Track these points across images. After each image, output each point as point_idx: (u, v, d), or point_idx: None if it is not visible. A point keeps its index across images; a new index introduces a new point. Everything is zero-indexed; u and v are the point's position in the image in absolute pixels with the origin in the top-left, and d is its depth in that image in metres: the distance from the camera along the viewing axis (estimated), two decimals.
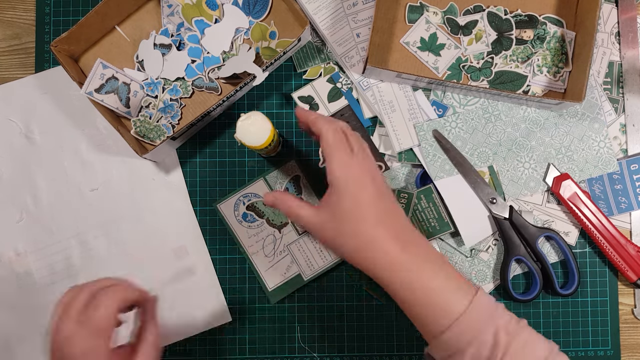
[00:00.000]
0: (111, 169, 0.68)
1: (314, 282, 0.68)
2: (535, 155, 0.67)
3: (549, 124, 0.67)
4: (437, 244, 0.67)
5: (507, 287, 0.65)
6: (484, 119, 0.67)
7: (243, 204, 0.67)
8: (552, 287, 0.65)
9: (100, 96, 0.65)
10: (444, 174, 0.66)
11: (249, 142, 0.57)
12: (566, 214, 0.68)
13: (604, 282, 0.68)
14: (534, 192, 0.67)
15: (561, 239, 0.65)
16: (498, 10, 0.68)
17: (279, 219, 0.67)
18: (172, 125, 0.67)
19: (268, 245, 0.67)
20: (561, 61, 0.67)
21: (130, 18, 0.68)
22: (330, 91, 0.68)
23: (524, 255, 0.65)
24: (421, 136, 0.66)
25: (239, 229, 0.67)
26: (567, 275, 0.67)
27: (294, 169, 0.68)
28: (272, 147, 0.62)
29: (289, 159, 0.68)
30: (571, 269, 0.66)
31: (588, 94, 0.67)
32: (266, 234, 0.67)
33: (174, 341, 0.67)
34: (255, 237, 0.67)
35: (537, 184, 0.67)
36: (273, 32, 0.68)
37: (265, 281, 0.67)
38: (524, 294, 0.66)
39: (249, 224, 0.67)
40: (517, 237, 0.65)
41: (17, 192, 0.67)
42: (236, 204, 0.67)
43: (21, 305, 0.66)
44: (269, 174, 0.68)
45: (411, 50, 0.68)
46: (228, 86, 0.68)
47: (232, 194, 0.67)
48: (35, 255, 0.67)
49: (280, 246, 0.67)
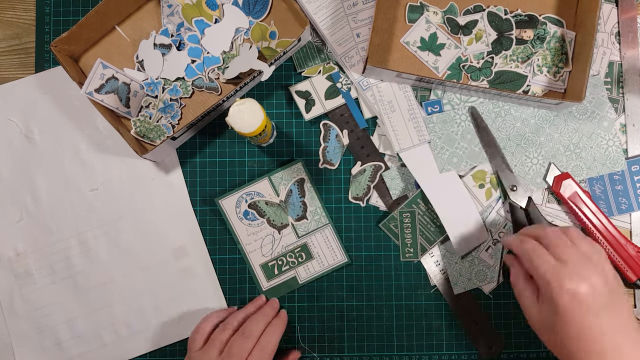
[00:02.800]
0: (111, 169, 0.68)
1: (314, 282, 0.68)
2: (544, 151, 0.67)
3: (558, 120, 0.67)
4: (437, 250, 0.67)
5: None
6: (494, 113, 0.67)
7: (245, 202, 0.67)
8: None
9: (100, 96, 0.65)
10: (452, 167, 0.66)
11: (239, 128, 0.56)
12: (566, 214, 0.68)
13: None
14: (541, 187, 0.67)
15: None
16: (498, 10, 0.68)
17: (280, 220, 0.67)
18: (172, 125, 0.67)
19: (266, 245, 0.67)
20: (561, 61, 0.67)
21: (130, 18, 0.68)
22: (328, 89, 0.68)
23: None
24: (430, 128, 0.66)
25: (239, 226, 0.67)
26: None
27: (300, 172, 0.68)
28: (263, 137, 0.62)
29: (294, 160, 0.68)
30: None
31: (597, 92, 0.67)
32: (265, 233, 0.67)
33: (174, 341, 0.67)
34: (254, 235, 0.67)
35: (544, 181, 0.67)
36: (273, 32, 0.68)
37: (259, 280, 0.67)
38: None
39: (249, 222, 0.67)
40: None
41: (17, 192, 0.67)
42: (238, 201, 0.67)
43: (21, 305, 0.66)
44: (274, 174, 0.68)
45: (411, 50, 0.68)
46: (228, 86, 0.68)
47: (235, 190, 0.67)
48: (35, 255, 0.67)
49: (278, 247, 0.67)
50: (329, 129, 0.68)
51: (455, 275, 0.67)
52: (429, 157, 0.66)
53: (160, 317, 0.67)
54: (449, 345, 0.67)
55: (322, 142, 0.68)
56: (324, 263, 0.67)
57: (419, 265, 0.68)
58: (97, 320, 0.67)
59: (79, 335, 0.66)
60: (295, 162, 0.68)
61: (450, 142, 0.66)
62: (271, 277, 0.67)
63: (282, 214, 0.67)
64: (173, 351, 0.67)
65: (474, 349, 0.67)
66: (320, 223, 0.67)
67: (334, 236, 0.67)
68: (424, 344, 0.67)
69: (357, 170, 0.67)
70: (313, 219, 0.67)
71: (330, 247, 0.67)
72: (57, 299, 0.67)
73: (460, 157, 0.66)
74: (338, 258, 0.67)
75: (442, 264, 0.67)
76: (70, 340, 0.66)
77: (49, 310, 0.67)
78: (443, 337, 0.67)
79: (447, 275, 0.67)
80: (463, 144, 0.67)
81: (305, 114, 0.68)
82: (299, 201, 0.67)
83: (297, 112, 0.69)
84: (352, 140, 0.68)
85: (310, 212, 0.67)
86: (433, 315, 0.67)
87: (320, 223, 0.67)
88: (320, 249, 0.67)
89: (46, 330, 0.66)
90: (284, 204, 0.67)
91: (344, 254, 0.67)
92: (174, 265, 0.67)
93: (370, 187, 0.67)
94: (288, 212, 0.67)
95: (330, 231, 0.67)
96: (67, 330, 0.66)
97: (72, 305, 0.67)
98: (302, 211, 0.67)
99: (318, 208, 0.68)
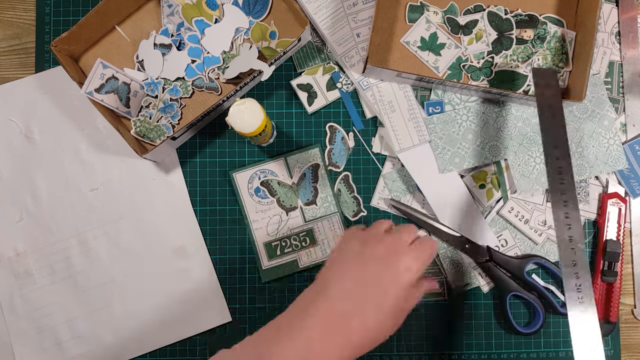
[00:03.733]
0: (111, 169, 0.68)
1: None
2: None
3: None
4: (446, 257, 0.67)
5: (512, 324, 0.65)
6: (495, 113, 0.67)
7: (258, 179, 0.68)
8: (553, 309, 0.65)
9: (100, 96, 0.65)
10: (454, 167, 0.66)
11: (239, 128, 0.56)
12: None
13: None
14: (545, 187, 0.66)
15: (547, 262, 0.65)
16: (498, 9, 0.68)
17: (289, 202, 0.68)
18: (172, 125, 0.67)
19: (273, 224, 0.67)
20: (561, 61, 0.67)
21: (130, 18, 0.68)
22: (329, 80, 0.68)
23: (517, 290, 0.65)
24: (430, 129, 0.66)
25: (249, 202, 0.67)
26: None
27: (316, 157, 0.68)
28: (263, 137, 0.62)
29: (313, 144, 0.68)
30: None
31: (597, 91, 0.67)
32: (273, 213, 0.67)
33: (174, 341, 0.67)
34: (263, 213, 0.67)
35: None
36: (273, 32, 0.68)
37: (261, 258, 0.67)
38: (529, 326, 0.66)
39: (259, 199, 0.67)
40: (505, 274, 0.65)
41: (17, 192, 0.67)
42: (251, 177, 0.68)
43: (21, 305, 0.66)
44: (290, 155, 0.68)
45: (411, 50, 0.68)
46: (228, 86, 0.68)
47: (251, 166, 0.68)
48: (35, 255, 0.67)
49: (284, 228, 0.67)
50: (334, 131, 0.68)
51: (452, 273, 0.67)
52: (430, 157, 0.66)
53: (160, 317, 0.67)
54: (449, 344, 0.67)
55: (328, 144, 0.68)
56: (327, 250, 0.67)
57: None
58: (97, 320, 0.67)
59: (79, 335, 0.66)
60: (313, 146, 0.68)
61: (451, 143, 0.66)
62: (273, 256, 0.67)
63: (293, 196, 0.68)
64: (173, 351, 0.67)
65: (473, 349, 0.67)
66: (329, 211, 0.68)
67: (340, 225, 0.67)
68: (424, 344, 0.67)
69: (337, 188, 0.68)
70: (322, 206, 0.68)
71: (336, 235, 0.67)
72: (57, 299, 0.67)
73: (463, 157, 0.66)
74: None
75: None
76: (70, 340, 0.66)
77: (49, 310, 0.67)
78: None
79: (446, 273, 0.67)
80: (465, 144, 0.66)
81: (308, 106, 0.68)
82: (310, 186, 0.68)
83: (298, 112, 0.69)
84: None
85: (320, 198, 0.68)
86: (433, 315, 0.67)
87: (329, 211, 0.68)
88: (326, 236, 0.67)
89: (46, 330, 0.66)
90: (295, 187, 0.68)
91: None
92: (174, 265, 0.67)
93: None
94: (299, 195, 0.68)
95: (338, 220, 0.67)
96: (67, 330, 0.66)
97: (72, 305, 0.67)
98: (313, 196, 0.68)
99: (329, 195, 0.68)
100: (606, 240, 0.66)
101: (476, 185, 0.67)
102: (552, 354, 0.67)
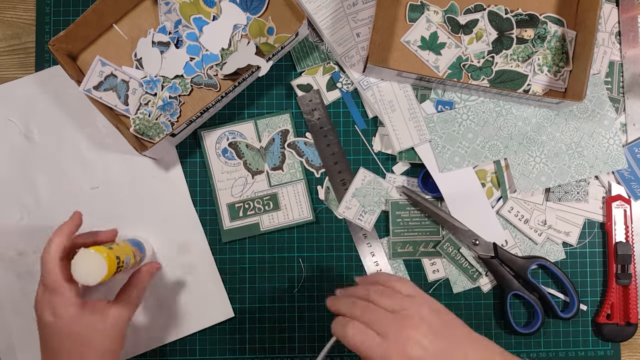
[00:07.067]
0: (111, 167, 0.68)
1: (315, 281, 0.68)
2: (546, 150, 0.67)
3: (559, 119, 0.67)
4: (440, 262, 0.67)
5: (510, 323, 0.66)
6: (495, 112, 0.67)
7: (227, 140, 0.68)
8: (553, 313, 0.66)
9: (98, 93, 0.65)
10: (453, 166, 0.66)
11: (86, 282, 0.53)
12: (566, 214, 0.68)
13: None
14: (545, 186, 0.66)
15: (551, 265, 0.66)
16: (499, 9, 0.68)
17: (256, 166, 0.67)
18: (171, 123, 0.67)
19: (238, 186, 0.67)
20: (562, 60, 0.67)
21: (127, 16, 0.68)
22: (329, 80, 0.68)
23: (518, 289, 0.65)
24: (430, 128, 0.66)
25: (215, 162, 0.68)
26: (565, 294, 0.67)
27: (286, 123, 0.68)
28: (119, 272, 0.57)
29: (285, 110, 0.68)
30: (569, 292, 0.66)
31: (597, 91, 0.67)
32: (239, 175, 0.68)
33: (177, 338, 0.67)
34: (228, 174, 0.68)
35: (548, 179, 0.66)
36: (271, 27, 0.67)
37: (223, 219, 0.67)
38: (527, 326, 0.66)
39: (226, 160, 0.68)
40: (508, 273, 0.65)
41: (17, 192, 0.67)
42: (220, 137, 0.68)
43: (23, 305, 0.66)
44: (260, 119, 0.68)
45: (412, 49, 0.67)
46: (226, 82, 0.67)
47: (219, 126, 0.67)
48: (37, 255, 0.67)
49: (248, 191, 0.67)
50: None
51: (454, 274, 0.67)
52: (430, 156, 0.66)
53: (161, 315, 0.67)
54: None
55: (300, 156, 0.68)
56: (289, 216, 0.67)
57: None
58: None
59: None
60: (284, 112, 0.68)
61: (451, 141, 0.66)
62: (235, 217, 0.67)
63: (260, 160, 0.68)
64: (173, 351, 0.67)
65: None
66: (295, 177, 0.68)
67: (305, 193, 0.67)
68: None
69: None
70: (289, 172, 0.68)
71: (299, 202, 0.67)
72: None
73: (463, 155, 0.66)
74: (304, 214, 0.67)
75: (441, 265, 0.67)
76: None
77: None
78: None
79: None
80: (465, 143, 0.66)
81: None
82: (279, 151, 0.68)
83: (298, 112, 0.68)
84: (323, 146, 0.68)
85: (287, 164, 0.68)
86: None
87: (294, 177, 0.68)
88: (289, 202, 0.67)
89: None
90: (263, 151, 0.68)
91: (311, 212, 0.67)
92: (175, 262, 0.67)
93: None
94: (266, 159, 0.68)
95: (303, 187, 0.68)
96: None
97: None
98: (280, 162, 0.68)
99: (296, 162, 0.67)
100: (616, 243, 0.66)
101: None
102: (552, 354, 0.67)
